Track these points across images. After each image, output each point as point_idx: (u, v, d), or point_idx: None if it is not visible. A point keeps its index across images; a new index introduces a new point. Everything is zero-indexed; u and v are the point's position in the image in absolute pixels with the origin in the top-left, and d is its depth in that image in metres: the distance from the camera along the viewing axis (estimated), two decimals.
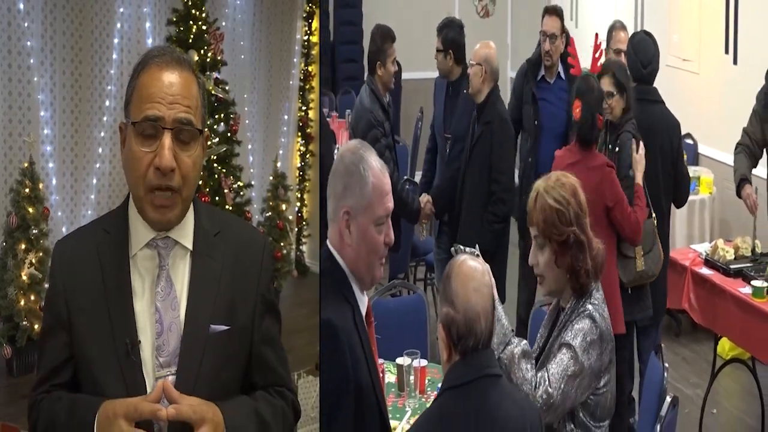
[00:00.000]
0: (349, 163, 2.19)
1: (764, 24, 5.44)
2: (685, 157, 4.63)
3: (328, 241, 2.23)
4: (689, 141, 5.88)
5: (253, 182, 7.03)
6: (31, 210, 5.34)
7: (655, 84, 4.45)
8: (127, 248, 1.93)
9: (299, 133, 8.39)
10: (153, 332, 1.88)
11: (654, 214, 4.17)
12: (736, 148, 4.75)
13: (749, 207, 4.58)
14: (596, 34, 5.19)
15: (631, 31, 5.27)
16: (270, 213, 7.40)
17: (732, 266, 4.44)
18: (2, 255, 5.31)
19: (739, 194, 4.70)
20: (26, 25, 5.58)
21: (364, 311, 2.25)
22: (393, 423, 3.05)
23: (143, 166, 1.84)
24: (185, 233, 1.95)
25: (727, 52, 5.83)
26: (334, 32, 8.98)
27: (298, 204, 8.25)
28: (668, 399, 3.12)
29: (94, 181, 6.18)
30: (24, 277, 5.28)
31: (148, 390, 1.83)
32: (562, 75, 5.30)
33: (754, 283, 4.23)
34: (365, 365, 2.20)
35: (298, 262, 8.05)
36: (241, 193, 6.24)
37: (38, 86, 5.71)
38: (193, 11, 5.74)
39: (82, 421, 1.79)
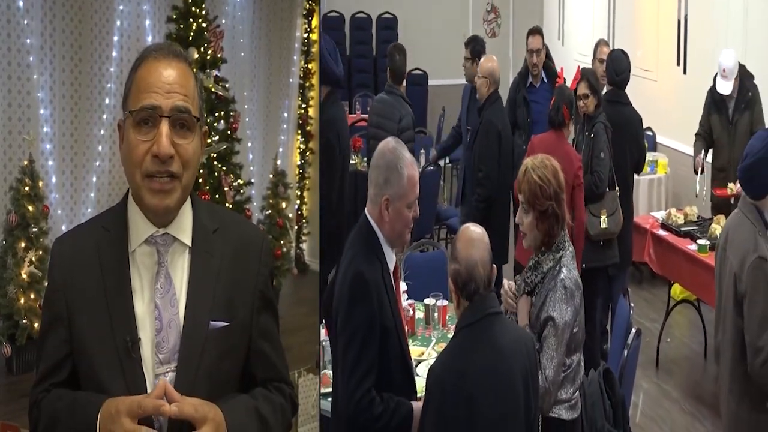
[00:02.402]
0: (389, 161, 2.93)
1: (706, 44, 6.97)
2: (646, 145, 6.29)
3: (367, 213, 2.94)
4: (649, 133, 7.40)
5: (253, 180, 7.03)
6: (30, 208, 5.34)
7: (626, 90, 5.75)
8: (126, 245, 1.93)
9: (299, 131, 8.39)
10: (152, 329, 1.88)
11: (618, 187, 5.34)
12: (695, 138, 6.07)
13: (695, 168, 6.00)
14: (578, 67, 6.44)
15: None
16: (270, 211, 7.40)
17: (682, 229, 5.76)
18: (2, 253, 5.32)
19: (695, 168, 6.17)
20: (26, 22, 5.58)
21: (392, 268, 2.94)
22: (421, 349, 4.01)
23: (140, 153, 1.85)
24: (184, 230, 1.96)
25: (678, 64, 7.57)
26: (376, 48, 11.03)
27: (298, 202, 8.24)
28: (633, 331, 4.00)
29: (94, 179, 6.18)
30: (24, 276, 5.28)
31: (148, 387, 1.84)
32: (545, 80, 6.70)
33: (699, 241, 5.46)
34: (389, 311, 2.83)
35: (298, 260, 8.05)
36: (241, 191, 6.24)
37: (38, 84, 5.71)
38: (193, 9, 5.74)
39: (84, 419, 1.79)
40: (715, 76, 5.83)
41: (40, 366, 1.96)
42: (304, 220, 8.43)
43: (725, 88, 5.74)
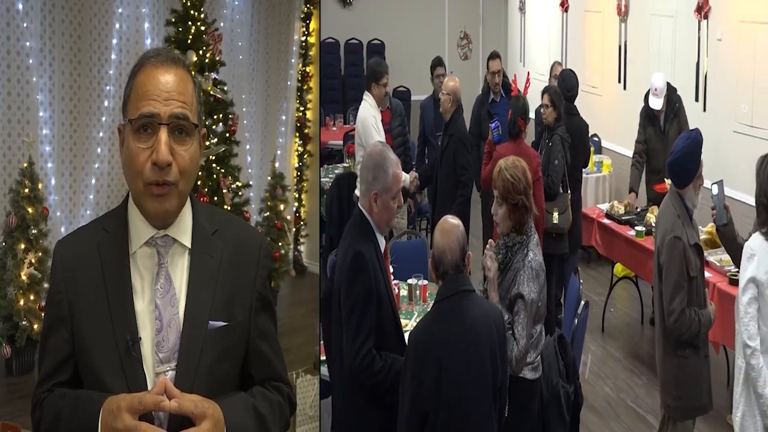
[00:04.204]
0: (377, 161, 3.43)
1: (642, 65, 8.30)
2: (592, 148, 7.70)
3: (360, 206, 3.46)
4: (595, 138, 8.75)
5: (251, 182, 7.05)
6: (30, 210, 5.35)
7: (575, 102, 6.83)
8: (126, 247, 1.94)
9: (297, 134, 8.41)
10: (153, 329, 1.90)
11: (569, 190, 6.25)
12: (632, 162, 7.01)
13: (629, 205, 6.91)
14: (528, 73, 8.01)
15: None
16: (268, 213, 7.42)
17: (623, 218, 6.73)
18: (2, 255, 5.32)
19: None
20: (25, 25, 5.59)
21: (383, 248, 3.44)
22: (405, 321, 4.40)
23: (141, 161, 1.86)
24: (184, 231, 1.98)
25: (619, 82, 8.88)
26: (367, 67, 12.09)
27: (296, 204, 8.26)
28: (582, 303, 4.62)
29: (93, 181, 6.19)
30: (23, 277, 5.30)
31: (149, 385, 1.86)
32: (504, 95, 7.72)
33: (636, 228, 6.40)
34: (383, 282, 3.32)
35: (296, 262, 8.06)
36: (240, 193, 6.26)
37: (37, 86, 5.72)
38: (192, 12, 5.75)
39: (86, 416, 1.80)
40: (646, 95, 6.84)
41: (42, 366, 1.97)
42: (302, 223, 8.45)
43: (657, 104, 6.72)
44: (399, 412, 3.20)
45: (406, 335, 3.69)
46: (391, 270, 4.61)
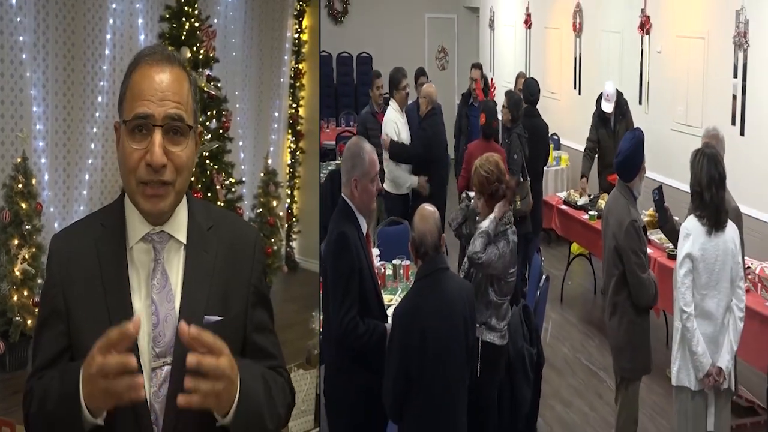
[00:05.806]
0: (353, 151, 3.77)
1: (594, 74, 9.60)
2: (552, 146, 8.69)
3: (343, 195, 3.77)
4: (555, 137, 9.98)
5: (244, 179, 7.04)
6: (24, 205, 5.31)
7: (537, 106, 7.81)
8: (123, 242, 1.93)
9: (289, 130, 8.41)
10: (149, 324, 1.89)
11: (531, 176, 7.08)
12: (584, 153, 8.02)
13: (582, 190, 7.93)
14: (492, 79, 9.57)
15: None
16: (261, 209, 7.41)
17: (578, 204, 7.66)
18: None
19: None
20: (19, 20, 5.52)
21: (365, 231, 3.76)
22: (390, 296, 4.94)
23: (134, 160, 1.84)
24: (179, 228, 1.97)
25: (575, 88, 10.16)
26: (356, 79, 14.09)
27: (288, 200, 8.27)
28: (544, 277, 5.26)
29: (87, 176, 6.15)
30: (17, 273, 5.24)
31: (146, 380, 1.85)
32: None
33: (590, 212, 7.33)
34: (365, 259, 3.66)
35: (288, 258, 8.06)
36: (233, 189, 6.24)
37: (31, 81, 5.67)
38: (186, 8, 5.70)
39: (70, 381, 1.77)
40: (598, 100, 7.87)
41: (36, 359, 1.95)
42: (294, 219, 8.46)
43: (608, 108, 7.76)
44: (386, 374, 3.60)
45: (390, 309, 4.12)
46: (377, 253, 5.35)
